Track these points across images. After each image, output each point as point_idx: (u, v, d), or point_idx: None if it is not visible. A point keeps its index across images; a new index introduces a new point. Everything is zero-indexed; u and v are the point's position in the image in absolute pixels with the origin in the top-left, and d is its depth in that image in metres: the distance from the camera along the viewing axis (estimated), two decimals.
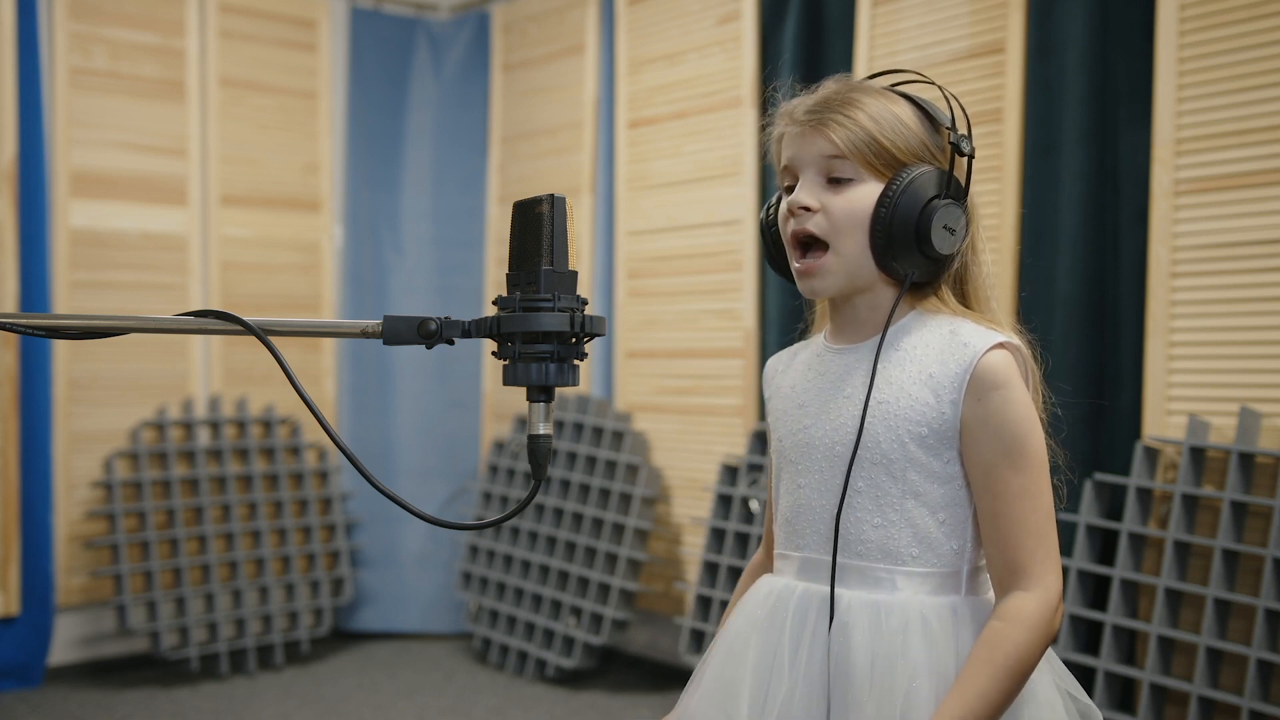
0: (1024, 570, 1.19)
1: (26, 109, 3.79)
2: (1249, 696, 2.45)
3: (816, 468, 1.30)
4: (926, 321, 1.27)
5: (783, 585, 1.32)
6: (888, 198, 1.22)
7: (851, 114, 1.24)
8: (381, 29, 4.67)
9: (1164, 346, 2.69)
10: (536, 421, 1.05)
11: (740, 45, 3.69)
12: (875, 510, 1.25)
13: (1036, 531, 1.20)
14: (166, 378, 4.16)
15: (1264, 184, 2.55)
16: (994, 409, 1.21)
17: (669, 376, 3.93)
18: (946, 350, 1.24)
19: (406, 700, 3.78)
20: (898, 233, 1.22)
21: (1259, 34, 2.56)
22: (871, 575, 1.25)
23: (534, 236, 1.04)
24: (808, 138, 1.27)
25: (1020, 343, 1.25)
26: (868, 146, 1.24)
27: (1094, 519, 2.77)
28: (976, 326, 1.25)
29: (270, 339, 1.02)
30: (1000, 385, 1.21)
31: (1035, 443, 1.21)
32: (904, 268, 1.24)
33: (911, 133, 1.25)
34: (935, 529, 1.24)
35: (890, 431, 1.24)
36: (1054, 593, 1.19)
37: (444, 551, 4.60)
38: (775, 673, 1.26)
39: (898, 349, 1.27)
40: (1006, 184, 2.95)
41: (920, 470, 1.24)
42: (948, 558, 1.25)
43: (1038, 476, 1.21)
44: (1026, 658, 1.17)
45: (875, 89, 1.28)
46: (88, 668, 4.03)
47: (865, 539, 1.25)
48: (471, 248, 4.71)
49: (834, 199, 1.25)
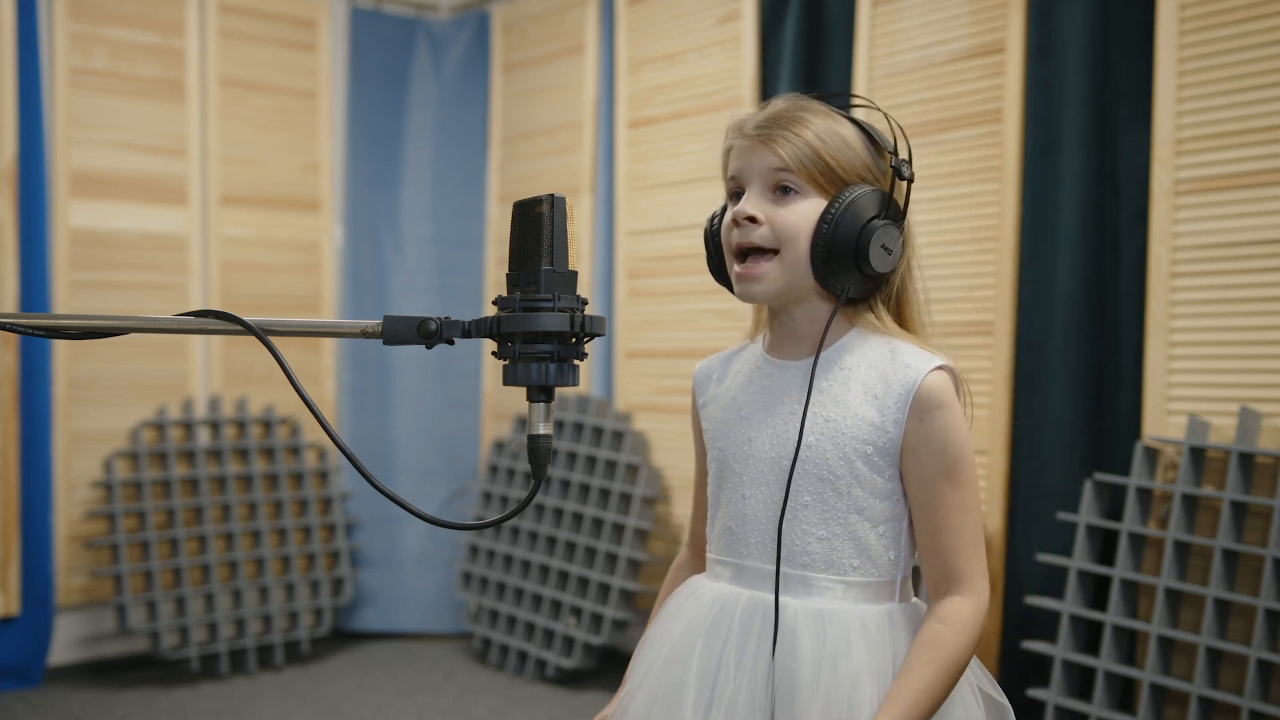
0: (961, 577, 1.27)
1: (26, 109, 3.79)
2: (1249, 696, 2.45)
3: (762, 480, 1.34)
4: (867, 340, 1.32)
5: (728, 592, 1.35)
6: (830, 214, 1.27)
7: (799, 130, 1.29)
8: (381, 29, 4.67)
9: (1164, 346, 2.69)
10: (536, 421, 1.05)
11: (740, 45, 3.69)
12: (820, 523, 1.30)
13: (972, 542, 1.28)
14: (166, 378, 4.16)
15: (1264, 184, 2.55)
16: (936, 428, 1.27)
17: (669, 376, 3.93)
18: (889, 371, 1.29)
19: (406, 700, 3.78)
20: (838, 249, 1.26)
21: (1259, 34, 2.56)
22: (814, 584, 1.30)
23: (534, 236, 1.04)
24: (756, 151, 1.31)
25: (954, 365, 1.31)
26: (813, 163, 1.28)
27: (1094, 519, 2.77)
28: (915, 348, 1.30)
29: (270, 339, 1.03)
30: (941, 405, 1.27)
31: (970, 460, 1.29)
32: (840, 283, 1.29)
33: (855, 153, 1.30)
34: (875, 541, 1.30)
35: (837, 449, 1.29)
36: (985, 597, 1.28)
37: (444, 551, 4.60)
38: (721, 676, 1.30)
39: (840, 367, 1.32)
40: (1006, 184, 2.95)
41: (865, 486, 1.29)
42: (885, 567, 1.31)
43: (972, 491, 1.28)
44: (962, 657, 1.25)
45: (823, 109, 1.32)
46: (88, 668, 4.03)
47: (810, 550, 1.30)
48: (471, 248, 4.71)
49: (778, 211, 1.29)
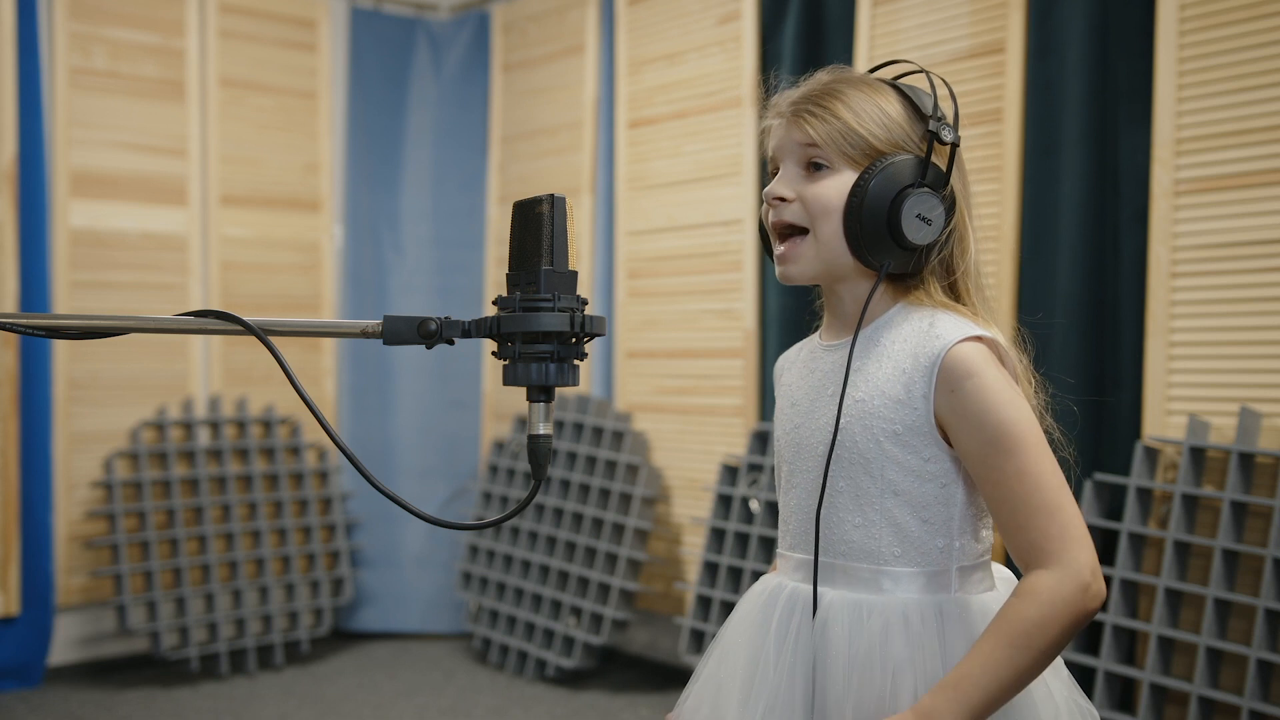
0: (1042, 550, 1.15)
1: (26, 109, 3.79)
2: (1249, 696, 2.45)
3: (805, 467, 1.31)
4: (910, 315, 1.25)
5: (775, 584, 1.33)
6: (859, 187, 1.22)
7: (830, 104, 1.25)
8: (381, 29, 4.67)
9: (1164, 346, 2.69)
10: (536, 421, 1.05)
11: (740, 45, 3.69)
12: (855, 510, 1.25)
13: (1045, 509, 1.15)
14: (166, 378, 4.16)
15: (1264, 184, 2.55)
16: (968, 398, 1.18)
17: (669, 376, 3.93)
18: (920, 344, 1.22)
19: (406, 700, 3.78)
20: (868, 222, 1.21)
21: (1259, 34, 2.56)
22: (856, 575, 1.25)
23: (534, 236, 1.04)
24: (788, 129, 1.28)
25: (1000, 337, 1.24)
26: (844, 137, 1.24)
27: (1094, 519, 2.76)
28: (955, 318, 1.23)
29: (270, 339, 1.02)
30: (970, 374, 1.18)
31: (1023, 423, 1.17)
32: (878, 258, 1.23)
33: (894, 123, 1.25)
34: (918, 527, 1.23)
35: (866, 430, 1.23)
36: (1079, 567, 1.14)
37: (444, 551, 4.60)
38: (762, 670, 1.27)
39: (878, 344, 1.25)
40: (1006, 184, 2.95)
41: (898, 468, 1.23)
42: (933, 556, 1.23)
43: (1034, 456, 1.16)
44: (1038, 632, 1.12)
45: (863, 80, 1.28)
46: (88, 668, 4.03)
47: (848, 539, 1.25)
48: (471, 248, 4.71)
49: (809, 188, 1.25)
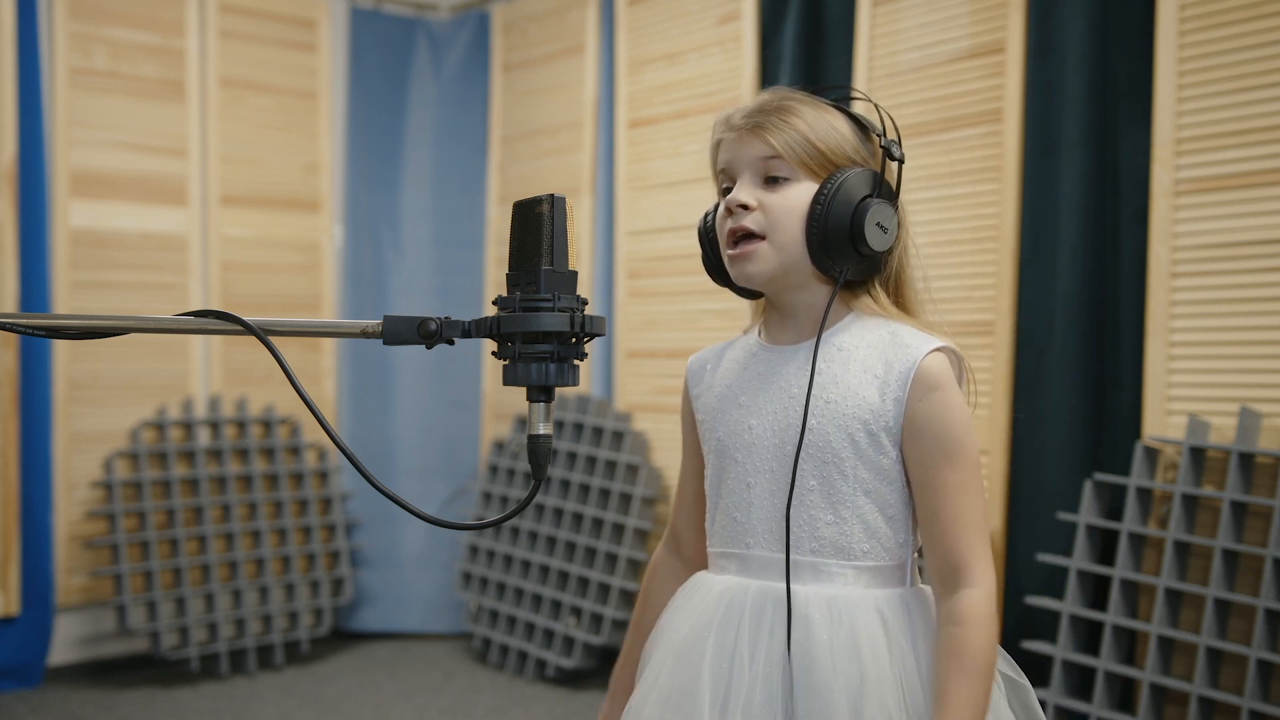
0: (966, 565, 1.24)
1: (26, 109, 3.79)
2: (1249, 696, 2.45)
3: (766, 466, 1.32)
4: (864, 322, 1.32)
5: (735, 584, 1.33)
6: (823, 194, 1.28)
7: (787, 118, 1.30)
8: (381, 29, 4.67)
9: (1164, 346, 2.69)
10: (536, 421, 1.05)
11: (740, 45, 3.69)
12: (828, 507, 1.29)
13: (974, 526, 1.25)
14: (166, 378, 4.16)
15: (1264, 184, 2.55)
16: (935, 409, 1.26)
17: (669, 376, 3.93)
18: (889, 351, 1.28)
19: (406, 700, 3.78)
20: (833, 228, 1.27)
21: (1259, 34, 2.56)
22: (825, 570, 1.29)
23: (534, 236, 1.04)
24: (745, 141, 1.32)
25: (955, 347, 1.30)
26: (802, 148, 1.29)
27: (1094, 519, 2.77)
28: (914, 330, 1.30)
29: (270, 339, 1.02)
30: (939, 386, 1.26)
31: (970, 442, 1.26)
32: (838, 265, 1.29)
33: (845, 138, 1.31)
34: (883, 524, 1.29)
35: (840, 430, 1.28)
36: (992, 584, 1.25)
37: (444, 551, 4.60)
38: (735, 671, 1.28)
39: (837, 348, 1.31)
40: (1006, 184, 2.95)
41: (870, 467, 1.28)
42: (894, 550, 1.30)
43: (974, 474, 1.26)
44: (991, 656, 1.23)
45: (809, 99, 1.33)
46: (88, 668, 4.03)
47: (819, 535, 1.29)
48: (471, 248, 4.71)
49: (770, 197, 1.30)
